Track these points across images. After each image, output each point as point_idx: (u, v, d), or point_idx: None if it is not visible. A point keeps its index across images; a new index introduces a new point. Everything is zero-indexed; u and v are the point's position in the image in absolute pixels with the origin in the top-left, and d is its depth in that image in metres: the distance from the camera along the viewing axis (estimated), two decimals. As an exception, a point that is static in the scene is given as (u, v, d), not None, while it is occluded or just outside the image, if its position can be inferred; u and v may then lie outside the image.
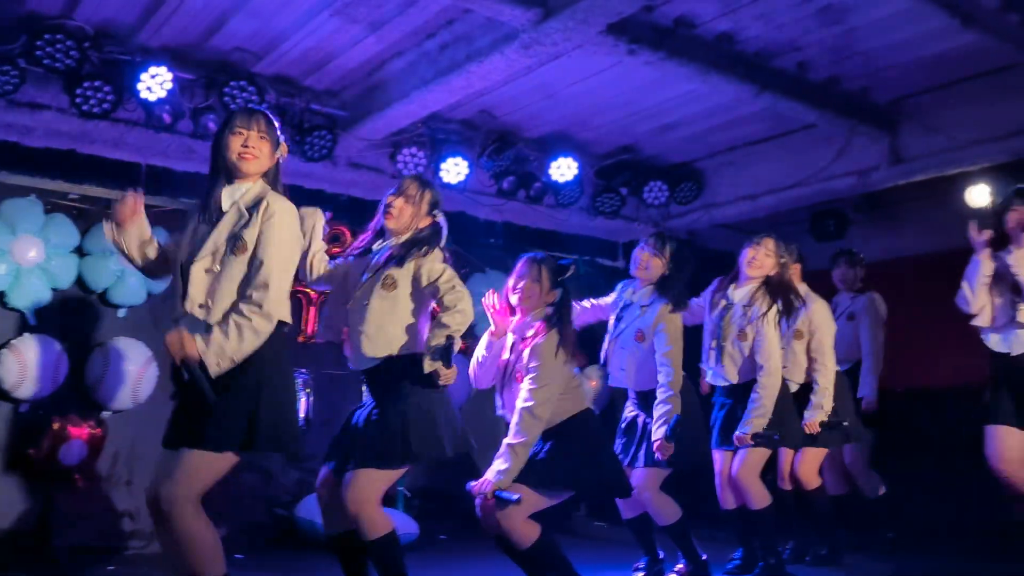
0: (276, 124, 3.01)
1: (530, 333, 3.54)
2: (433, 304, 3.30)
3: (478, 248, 6.36)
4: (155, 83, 4.62)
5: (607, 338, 4.32)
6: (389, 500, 3.48)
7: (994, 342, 3.96)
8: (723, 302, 4.45)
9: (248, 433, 2.75)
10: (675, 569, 4.31)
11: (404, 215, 3.32)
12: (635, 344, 4.16)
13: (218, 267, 2.83)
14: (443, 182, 5.63)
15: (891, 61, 4.93)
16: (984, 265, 3.96)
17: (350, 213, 5.66)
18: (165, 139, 4.98)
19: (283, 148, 3.05)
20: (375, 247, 3.38)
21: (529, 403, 3.41)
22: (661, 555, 4.34)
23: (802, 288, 4.71)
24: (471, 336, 6.52)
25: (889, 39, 4.64)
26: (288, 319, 2.89)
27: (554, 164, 6.01)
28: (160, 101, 4.70)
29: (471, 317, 3.21)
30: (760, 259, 4.38)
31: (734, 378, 4.38)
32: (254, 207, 2.87)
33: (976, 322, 3.97)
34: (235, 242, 2.83)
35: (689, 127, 5.92)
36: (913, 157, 5.54)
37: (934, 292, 6.80)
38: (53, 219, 4.96)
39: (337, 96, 5.37)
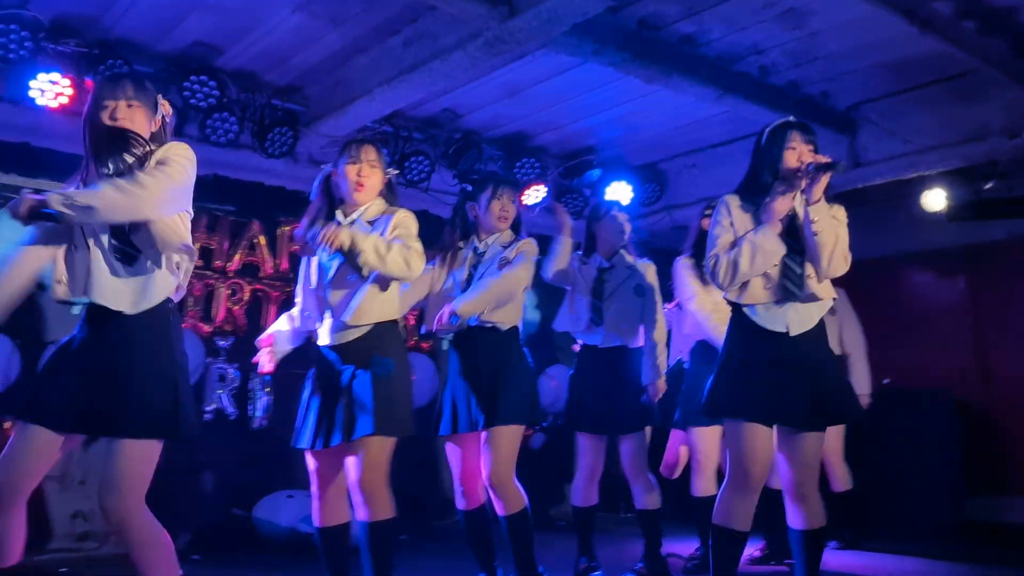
0: (148, 84, 2.71)
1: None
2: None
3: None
4: (113, 76, 4.54)
5: (585, 299, 4.31)
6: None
7: (765, 319, 3.10)
8: None
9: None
10: (635, 569, 4.32)
11: (375, 182, 3.15)
12: (634, 298, 4.26)
13: None
14: (407, 180, 5.60)
15: (851, 66, 5.00)
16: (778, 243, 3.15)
17: (311, 211, 5.59)
18: (123, 133, 4.88)
19: (164, 106, 2.76)
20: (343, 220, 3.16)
21: None
22: (596, 557, 4.30)
23: None
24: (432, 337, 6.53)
25: (849, 44, 4.71)
26: (188, 240, 2.67)
27: (518, 164, 6.01)
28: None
29: (402, 270, 2.95)
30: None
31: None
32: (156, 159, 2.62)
33: (741, 298, 3.13)
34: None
35: (652, 129, 5.96)
36: (871, 161, 5.63)
37: (890, 294, 6.99)
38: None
39: (299, 92, 5.32)
